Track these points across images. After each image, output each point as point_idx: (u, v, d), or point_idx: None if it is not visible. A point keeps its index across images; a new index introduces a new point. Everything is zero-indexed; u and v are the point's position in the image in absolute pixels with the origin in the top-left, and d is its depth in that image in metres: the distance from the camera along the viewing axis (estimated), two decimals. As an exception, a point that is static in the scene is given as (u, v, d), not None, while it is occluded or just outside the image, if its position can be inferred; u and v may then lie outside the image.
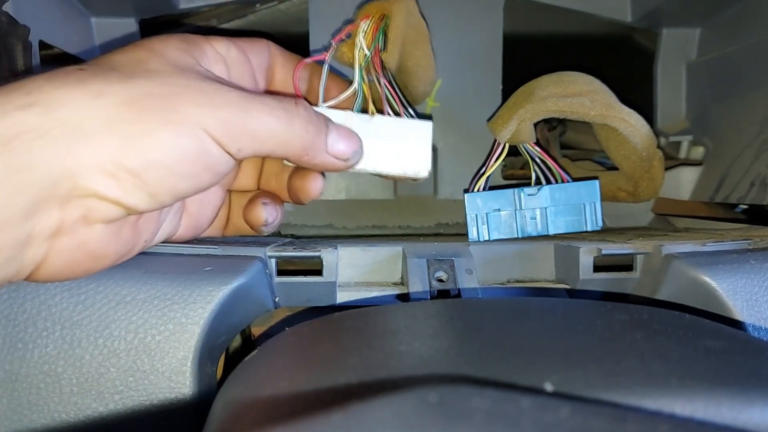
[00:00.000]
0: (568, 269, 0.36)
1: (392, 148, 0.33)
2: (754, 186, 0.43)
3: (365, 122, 0.32)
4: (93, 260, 0.25)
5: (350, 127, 0.32)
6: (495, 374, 0.19)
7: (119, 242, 0.26)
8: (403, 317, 0.26)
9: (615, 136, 0.40)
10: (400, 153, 0.33)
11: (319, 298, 0.35)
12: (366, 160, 0.32)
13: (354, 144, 0.31)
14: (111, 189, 0.23)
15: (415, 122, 0.34)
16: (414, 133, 0.33)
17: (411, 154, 0.33)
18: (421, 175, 0.33)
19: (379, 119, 0.33)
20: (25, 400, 0.28)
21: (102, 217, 0.24)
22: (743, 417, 0.17)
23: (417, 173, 0.33)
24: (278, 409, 0.19)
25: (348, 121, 0.32)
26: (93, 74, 0.24)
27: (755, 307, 0.31)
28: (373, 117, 0.33)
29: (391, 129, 0.33)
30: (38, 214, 0.22)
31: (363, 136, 0.32)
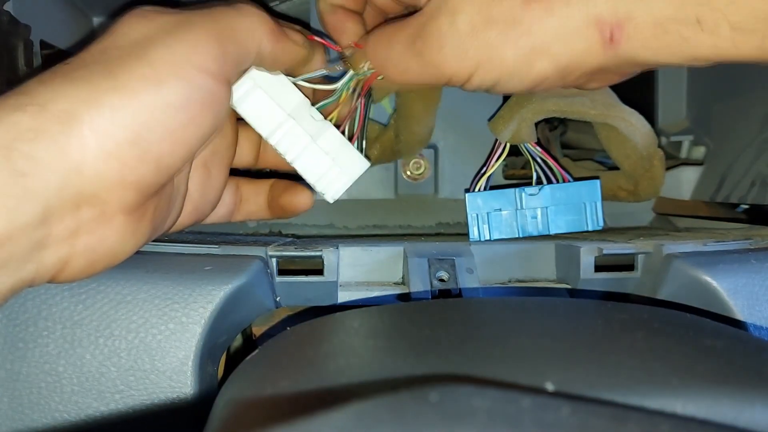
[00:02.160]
0: (569, 269, 0.36)
1: (321, 159, 0.32)
2: (755, 185, 0.43)
3: (315, 120, 0.32)
4: (113, 255, 0.25)
5: (297, 115, 0.32)
6: (496, 374, 0.19)
7: (138, 234, 0.26)
8: (404, 317, 0.26)
9: (616, 135, 0.40)
10: (324, 167, 0.32)
11: (320, 297, 0.35)
12: (286, 143, 0.32)
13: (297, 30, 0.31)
14: (116, 171, 0.23)
15: (356, 156, 0.33)
16: (348, 163, 0.33)
17: (333, 175, 0.33)
18: (325, 196, 0.33)
19: (329, 128, 0.33)
20: (26, 400, 0.28)
21: (119, 207, 0.24)
22: (744, 416, 0.17)
23: (323, 192, 0.33)
24: (279, 409, 0.19)
25: (300, 109, 0.32)
26: (76, 66, 0.24)
27: (756, 306, 0.31)
28: (325, 122, 0.32)
29: (332, 143, 0.33)
30: (52, 219, 0.22)
31: (304, 130, 0.32)
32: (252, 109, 0.31)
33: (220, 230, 0.48)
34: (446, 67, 0.28)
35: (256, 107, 0.31)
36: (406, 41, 0.29)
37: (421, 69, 0.29)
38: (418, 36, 0.29)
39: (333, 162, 0.32)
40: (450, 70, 0.28)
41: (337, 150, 0.33)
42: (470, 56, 0.27)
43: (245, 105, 0.31)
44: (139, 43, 0.24)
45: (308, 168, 0.32)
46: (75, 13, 0.45)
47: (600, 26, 0.25)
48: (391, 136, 0.43)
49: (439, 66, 0.28)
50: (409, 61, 0.29)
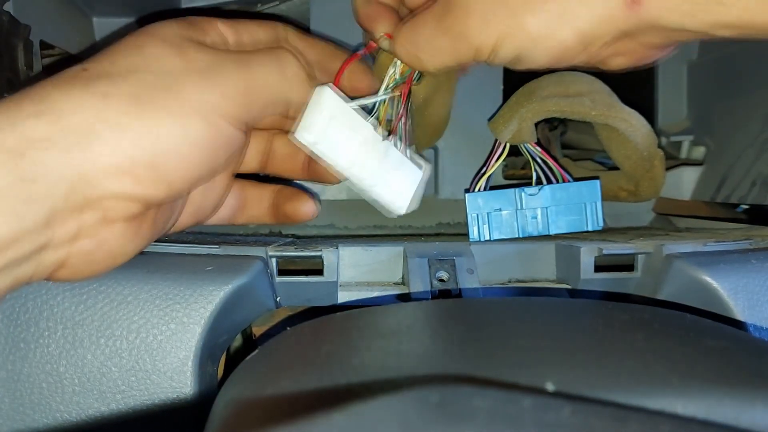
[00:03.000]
0: (569, 269, 0.36)
1: (389, 175, 0.32)
2: (756, 186, 0.43)
3: (377, 140, 0.32)
4: (113, 258, 0.26)
5: (368, 139, 0.31)
6: (496, 374, 0.19)
7: (138, 238, 0.26)
8: (404, 317, 0.26)
9: (616, 135, 0.40)
10: (391, 182, 0.32)
11: (320, 297, 0.35)
12: (362, 171, 0.31)
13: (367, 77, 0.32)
14: (128, 186, 0.24)
15: (413, 165, 0.33)
16: (410, 173, 0.33)
17: (400, 189, 0.33)
18: (395, 210, 0.33)
19: (388, 145, 0.32)
20: (28, 400, 0.28)
21: (121, 215, 0.24)
22: (745, 417, 0.17)
23: (393, 206, 0.33)
24: (279, 409, 0.19)
25: (370, 132, 0.31)
26: (97, 75, 0.24)
27: (756, 306, 0.31)
28: (385, 142, 0.32)
29: (396, 157, 0.33)
30: (56, 223, 0.22)
31: (373, 150, 0.31)
32: (330, 146, 0.30)
33: (221, 230, 0.48)
34: (473, 37, 0.28)
35: (334, 143, 0.30)
36: (435, 20, 0.29)
37: (450, 45, 0.29)
38: (445, 12, 0.29)
39: (400, 177, 0.33)
40: (476, 40, 0.28)
41: (402, 164, 0.33)
42: (494, 23, 0.27)
43: (324, 144, 0.30)
44: (172, 77, 0.25)
45: (383, 191, 0.32)
46: (75, 13, 0.45)
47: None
48: None
49: (467, 36, 0.28)
50: (438, 39, 0.29)
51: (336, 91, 0.30)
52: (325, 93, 0.30)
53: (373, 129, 0.32)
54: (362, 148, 0.31)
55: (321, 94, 0.30)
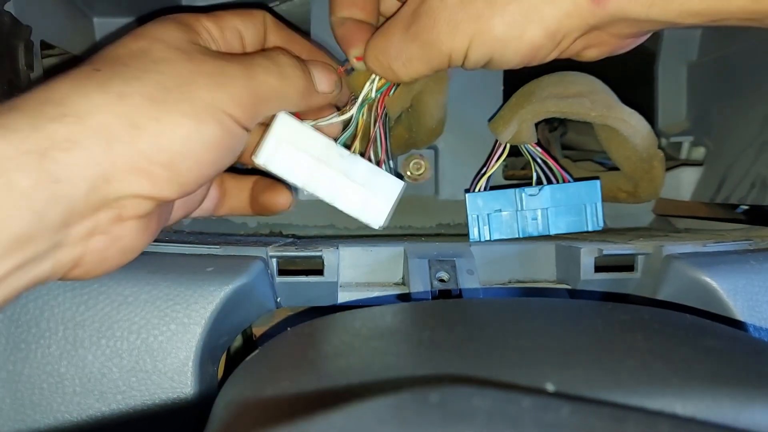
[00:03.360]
0: (569, 269, 0.36)
1: (357, 191, 0.33)
2: (755, 187, 0.43)
3: (343, 157, 0.32)
4: (124, 254, 0.26)
5: (327, 158, 0.32)
6: (496, 374, 0.19)
7: (148, 233, 0.27)
8: (405, 317, 0.26)
9: (616, 136, 0.40)
10: (361, 197, 0.33)
11: (321, 298, 0.35)
12: (327, 189, 0.32)
13: (333, 76, 0.32)
14: (145, 186, 0.24)
15: (389, 178, 0.33)
16: (383, 188, 0.33)
17: (372, 204, 0.33)
18: (372, 225, 0.33)
19: (357, 160, 0.33)
20: (28, 400, 0.28)
21: (135, 213, 0.25)
22: (744, 417, 0.17)
23: (369, 221, 0.33)
24: (279, 409, 0.19)
25: (327, 151, 0.32)
26: (110, 76, 0.24)
27: (756, 307, 0.31)
28: (352, 155, 0.33)
29: (364, 174, 0.33)
30: (73, 221, 0.23)
31: (335, 170, 0.32)
32: (282, 165, 0.32)
33: (221, 230, 0.48)
34: (442, 44, 0.28)
35: (285, 162, 0.32)
36: (402, 28, 0.29)
37: (420, 53, 0.29)
38: (413, 20, 0.29)
39: (370, 192, 0.33)
40: (446, 47, 0.28)
41: (371, 179, 0.33)
42: (461, 29, 0.27)
43: (275, 163, 0.32)
44: (182, 79, 0.26)
45: (349, 205, 0.33)
46: (76, 13, 0.45)
47: None
48: (402, 131, 0.43)
49: (436, 44, 0.28)
50: (408, 48, 0.29)
51: (289, 115, 0.31)
52: (279, 116, 0.31)
53: (335, 148, 0.32)
54: (320, 166, 0.32)
55: (275, 118, 0.31)
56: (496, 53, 0.28)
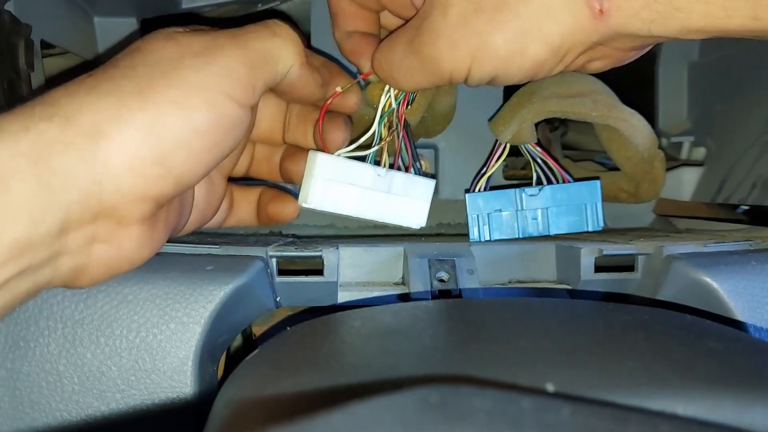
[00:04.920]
0: (570, 269, 0.36)
1: (396, 202, 0.34)
2: (756, 187, 0.43)
3: (381, 176, 0.34)
4: (130, 262, 0.26)
5: (365, 181, 0.33)
6: (496, 374, 0.19)
7: (154, 240, 0.26)
8: (404, 317, 0.26)
9: (616, 136, 0.40)
10: (402, 206, 0.35)
11: (321, 297, 0.35)
12: (370, 209, 0.34)
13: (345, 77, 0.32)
14: (139, 185, 0.24)
15: (421, 180, 0.35)
16: (418, 191, 0.35)
17: (411, 208, 0.35)
18: (414, 227, 0.35)
19: (392, 174, 0.34)
20: (27, 399, 0.28)
21: (135, 217, 0.24)
22: (745, 418, 0.17)
23: (411, 225, 0.35)
24: (279, 409, 0.19)
25: (365, 176, 0.33)
26: (101, 77, 0.24)
27: (757, 308, 0.31)
28: (388, 171, 0.34)
29: (399, 184, 0.34)
30: (71, 229, 0.23)
31: (374, 189, 0.34)
32: (331, 202, 0.33)
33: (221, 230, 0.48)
34: (443, 62, 0.28)
35: (334, 199, 0.33)
36: (405, 42, 0.29)
37: (422, 68, 0.29)
38: (415, 35, 0.29)
39: (409, 199, 0.35)
40: (447, 65, 0.28)
41: (407, 187, 0.35)
42: (463, 47, 0.27)
43: (324, 203, 0.33)
44: (169, 64, 0.24)
45: (393, 217, 0.35)
46: (76, 12, 0.45)
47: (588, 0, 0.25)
48: None
49: (437, 61, 0.28)
50: (410, 62, 0.29)
51: (326, 154, 0.32)
52: (317, 159, 0.32)
53: (372, 170, 0.33)
54: (364, 192, 0.33)
55: (313, 161, 0.32)
56: (500, 70, 0.28)
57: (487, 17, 0.26)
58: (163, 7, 0.48)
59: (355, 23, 0.33)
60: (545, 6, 0.25)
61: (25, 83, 0.35)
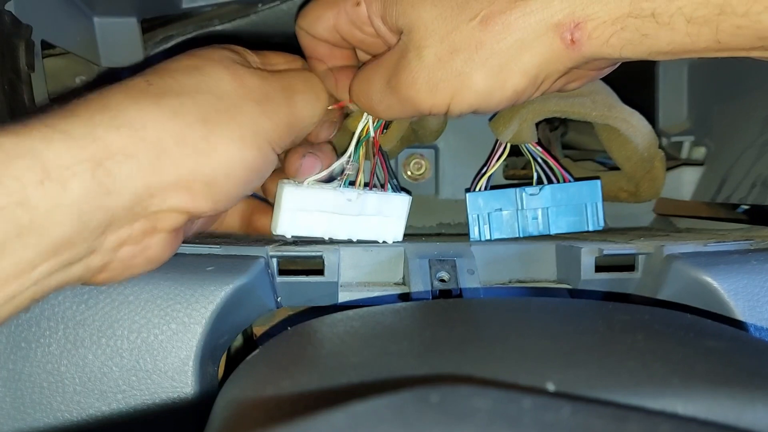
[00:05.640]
0: (570, 269, 0.36)
1: (370, 221, 0.35)
2: (756, 186, 0.43)
3: (351, 200, 0.35)
4: (149, 264, 0.27)
5: (338, 208, 0.34)
6: (497, 374, 0.19)
7: (174, 245, 0.28)
8: (405, 317, 0.26)
9: (616, 136, 0.40)
10: (376, 224, 0.36)
11: (321, 297, 0.35)
12: (343, 231, 0.35)
13: None
14: (185, 201, 0.25)
15: (396, 197, 0.36)
16: (393, 208, 0.36)
17: (386, 225, 0.36)
18: (391, 242, 0.36)
19: (365, 197, 0.35)
20: (29, 399, 0.28)
21: (169, 226, 0.26)
22: (745, 417, 0.17)
23: (388, 240, 0.36)
24: (280, 409, 0.19)
25: (336, 202, 0.34)
26: (164, 92, 0.25)
27: (757, 307, 0.31)
28: (360, 194, 0.35)
29: (372, 204, 0.35)
30: (111, 230, 0.24)
31: (347, 213, 0.35)
32: (301, 228, 0.34)
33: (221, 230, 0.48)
34: (422, 102, 0.29)
35: (303, 226, 0.34)
36: (383, 80, 0.30)
37: (400, 105, 0.30)
38: (392, 74, 0.29)
39: (383, 217, 0.36)
40: (426, 104, 0.29)
41: (382, 206, 0.36)
42: (442, 87, 0.28)
43: (294, 230, 0.34)
44: (232, 103, 0.27)
45: (368, 235, 0.36)
46: (77, 13, 0.45)
47: (559, 31, 0.25)
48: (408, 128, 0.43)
49: (415, 101, 0.29)
50: (389, 99, 0.30)
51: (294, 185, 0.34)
52: (283, 191, 0.34)
53: (342, 196, 0.34)
54: (336, 216, 0.35)
55: (281, 192, 0.34)
56: (481, 105, 0.28)
57: (463, 57, 0.27)
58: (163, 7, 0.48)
59: (331, 61, 0.34)
60: (519, 41, 0.26)
61: (26, 84, 0.35)
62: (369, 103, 0.31)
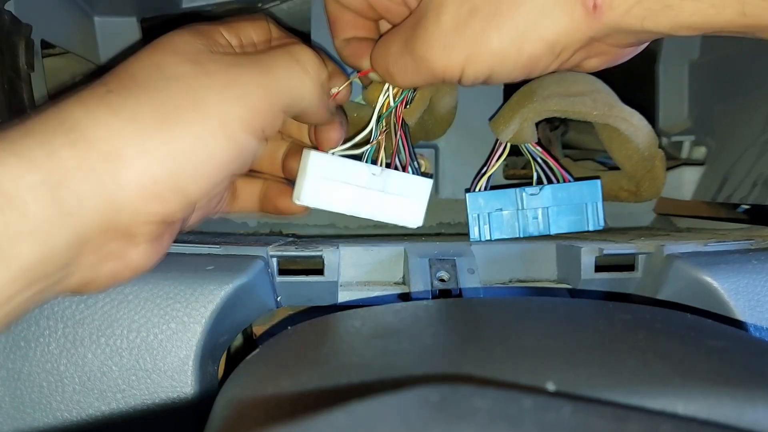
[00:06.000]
0: (570, 269, 0.36)
1: (392, 201, 0.34)
2: (757, 186, 0.43)
3: (376, 175, 0.34)
4: (137, 272, 0.26)
5: (363, 181, 0.33)
6: (497, 374, 0.19)
7: (161, 248, 0.27)
8: (405, 317, 0.26)
9: (617, 136, 0.40)
10: (398, 205, 0.34)
11: (321, 297, 0.35)
12: (365, 207, 0.34)
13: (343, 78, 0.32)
14: (156, 210, 0.24)
15: (418, 179, 0.35)
16: (415, 189, 0.35)
17: (408, 207, 0.35)
18: (411, 226, 0.35)
19: (388, 173, 0.34)
20: (28, 399, 0.28)
21: (146, 237, 0.25)
22: (746, 417, 0.17)
23: (408, 224, 0.35)
24: (280, 408, 0.19)
25: (361, 175, 0.33)
26: (123, 97, 0.24)
27: (757, 307, 0.31)
28: (383, 170, 0.34)
29: (395, 183, 0.34)
30: (86, 252, 0.23)
31: (369, 187, 0.33)
32: (324, 200, 0.33)
33: (221, 230, 0.48)
34: (437, 63, 0.28)
35: (327, 197, 0.33)
36: (400, 42, 0.30)
37: (416, 67, 0.29)
38: (410, 35, 0.29)
39: (405, 198, 0.35)
40: (441, 66, 0.28)
41: (403, 186, 0.34)
42: (458, 49, 0.27)
43: (318, 201, 0.33)
44: (192, 90, 0.25)
45: (389, 216, 0.34)
46: (76, 12, 0.45)
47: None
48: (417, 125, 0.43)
49: (431, 62, 0.28)
50: (405, 61, 0.30)
51: (319, 153, 0.33)
52: (310, 157, 0.32)
53: (367, 169, 0.33)
54: (359, 190, 0.33)
55: (306, 159, 0.32)
56: (496, 68, 0.28)
57: (481, 21, 0.26)
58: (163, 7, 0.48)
59: (354, 31, 0.33)
60: (539, 6, 0.26)
61: (26, 83, 0.35)
62: (385, 65, 0.31)
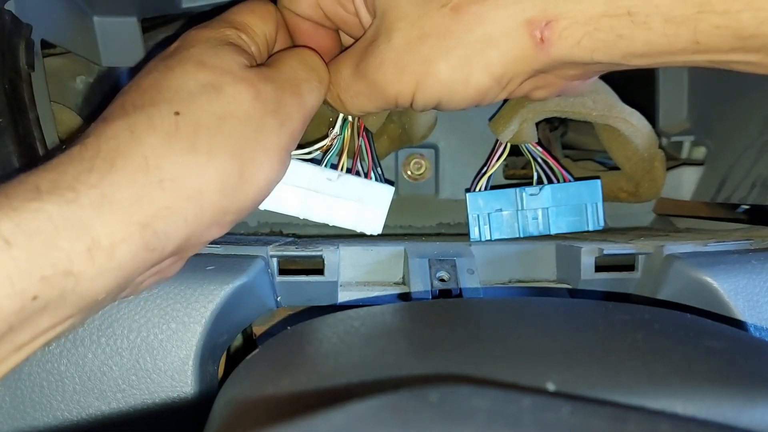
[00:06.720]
0: (570, 269, 0.36)
1: (350, 207, 0.34)
2: (756, 187, 0.43)
3: (331, 180, 0.33)
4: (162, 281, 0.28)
5: (315, 185, 0.33)
6: (496, 374, 0.19)
7: None
8: (405, 317, 0.26)
9: (616, 136, 0.40)
10: (356, 212, 0.34)
11: (321, 297, 0.35)
12: (321, 212, 0.33)
13: None
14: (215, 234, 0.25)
15: (378, 186, 0.34)
16: (374, 197, 0.34)
17: (367, 214, 0.34)
18: (369, 233, 0.35)
19: (345, 179, 0.34)
20: (28, 399, 0.28)
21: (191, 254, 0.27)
22: (745, 417, 0.17)
23: (366, 230, 0.35)
24: (279, 408, 0.19)
25: (315, 179, 0.33)
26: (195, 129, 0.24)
27: (756, 307, 0.31)
28: (340, 176, 0.34)
29: (353, 189, 0.34)
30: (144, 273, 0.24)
31: (325, 193, 0.33)
32: (274, 201, 0.32)
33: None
34: (388, 87, 0.28)
35: (277, 199, 0.32)
36: (352, 65, 0.29)
37: (367, 91, 0.29)
38: (361, 58, 0.29)
39: (362, 204, 0.34)
40: (392, 90, 0.28)
41: (362, 192, 0.34)
42: (408, 72, 0.27)
43: (267, 201, 0.32)
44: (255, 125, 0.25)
45: (345, 220, 0.34)
46: (77, 12, 0.45)
47: (530, 27, 0.25)
48: (396, 128, 0.43)
49: (381, 86, 0.28)
50: (356, 85, 0.29)
51: None
52: None
53: (322, 174, 0.33)
54: (311, 194, 0.33)
55: None
56: (444, 97, 0.28)
57: (431, 44, 0.26)
58: (163, 7, 0.48)
59: (314, 41, 0.32)
60: (488, 34, 0.25)
61: (26, 83, 0.35)
62: (336, 90, 0.31)
